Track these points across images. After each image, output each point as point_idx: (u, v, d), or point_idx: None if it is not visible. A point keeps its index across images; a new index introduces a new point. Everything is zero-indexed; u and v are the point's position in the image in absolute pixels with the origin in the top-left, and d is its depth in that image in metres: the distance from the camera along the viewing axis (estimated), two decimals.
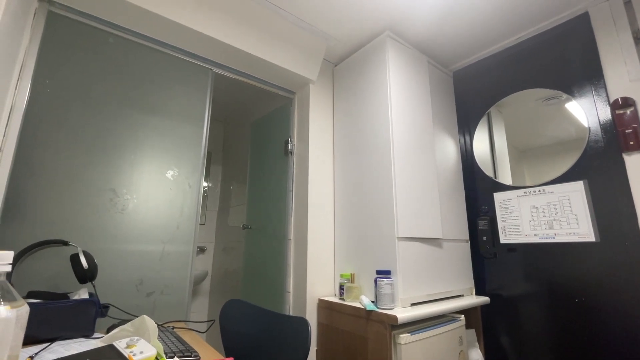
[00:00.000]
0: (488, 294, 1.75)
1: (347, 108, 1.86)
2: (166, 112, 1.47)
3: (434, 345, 1.33)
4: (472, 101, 2.02)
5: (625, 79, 1.41)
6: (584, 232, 1.45)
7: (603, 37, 1.50)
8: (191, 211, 1.45)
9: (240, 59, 1.65)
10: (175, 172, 1.44)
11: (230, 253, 2.56)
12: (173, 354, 0.77)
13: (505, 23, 1.72)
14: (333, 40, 1.83)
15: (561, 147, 1.60)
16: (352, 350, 1.36)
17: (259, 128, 2.31)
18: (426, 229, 1.57)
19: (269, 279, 1.86)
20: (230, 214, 2.70)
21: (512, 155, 1.83)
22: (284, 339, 1.01)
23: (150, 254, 1.30)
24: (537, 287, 1.58)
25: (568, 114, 1.61)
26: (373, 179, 1.60)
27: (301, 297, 1.61)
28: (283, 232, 1.82)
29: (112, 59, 1.36)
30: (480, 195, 1.87)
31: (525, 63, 1.80)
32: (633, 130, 1.35)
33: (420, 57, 1.87)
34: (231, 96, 2.61)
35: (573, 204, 1.50)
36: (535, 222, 1.61)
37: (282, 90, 1.94)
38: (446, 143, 1.90)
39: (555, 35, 1.69)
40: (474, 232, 1.86)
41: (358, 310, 1.37)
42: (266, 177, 2.08)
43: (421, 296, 1.47)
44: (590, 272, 1.42)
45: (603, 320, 1.36)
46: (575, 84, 1.58)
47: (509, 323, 1.66)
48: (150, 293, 1.27)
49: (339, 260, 1.71)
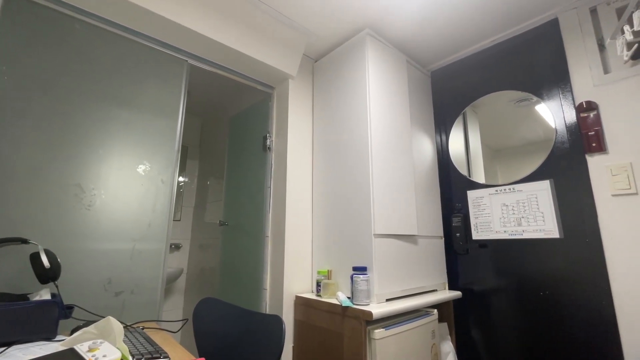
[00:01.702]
0: (460, 289, 1.81)
1: (326, 105, 1.86)
2: (138, 104, 1.41)
3: (408, 339, 1.36)
4: (449, 101, 2.07)
5: (590, 84, 1.49)
6: (550, 229, 1.52)
7: (571, 42, 1.57)
8: (164, 207, 1.41)
9: (217, 51, 1.60)
10: (147, 167, 1.39)
11: (206, 250, 2.51)
12: (141, 355, 0.75)
13: (481, 26, 1.76)
14: (313, 36, 1.82)
15: (531, 148, 1.67)
16: (328, 346, 1.37)
17: (237, 123, 2.26)
18: (402, 225, 1.60)
19: (246, 276, 1.84)
20: (207, 210, 2.64)
21: (485, 154, 1.89)
22: (258, 338, 1.00)
23: (119, 252, 1.25)
24: (505, 281, 1.65)
25: (537, 115, 1.68)
26: (351, 177, 1.61)
27: (278, 294, 1.60)
28: (260, 228, 1.80)
29: (78, 47, 1.29)
30: (454, 193, 1.93)
31: (499, 65, 1.86)
32: (595, 132, 1.43)
33: (400, 56, 1.89)
34: (208, 90, 2.54)
35: (540, 202, 1.57)
36: (505, 219, 1.67)
37: (260, 84, 1.91)
38: (423, 142, 1.94)
39: (527, 39, 1.75)
40: (448, 229, 1.91)
41: (334, 306, 1.38)
42: (244, 173, 2.05)
43: (396, 292, 1.50)
44: (554, 266, 1.50)
45: (565, 311, 1.44)
46: (545, 86, 1.65)
47: (479, 316, 1.72)
48: (119, 293, 1.22)
49: (317, 257, 1.71)
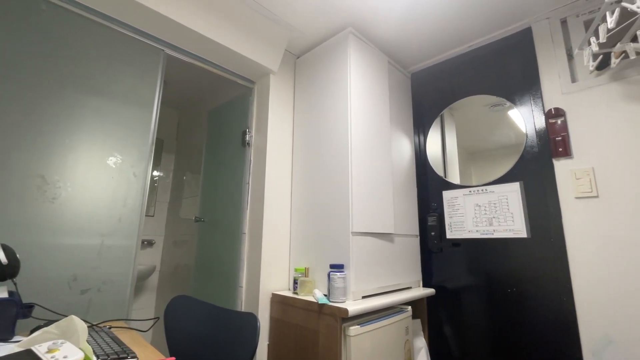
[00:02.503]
0: (434, 286, 1.86)
1: (307, 102, 1.85)
2: (109, 93, 1.34)
3: (382, 335, 1.38)
4: (427, 103, 2.11)
5: (558, 91, 1.56)
6: (518, 228, 1.59)
7: (542, 51, 1.64)
8: (136, 202, 1.35)
9: (196, 41, 1.56)
10: (119, 159, 1.33)
11: (181, 247, 2.44)
12: (106, 356, 0.71)
13: (460, 31, 1.81)
14: (296, 32, 1.80)
15: (503, 151, 1.74)
16: (304, 344, 1.37)
17: (216, 117, 2.21)
18: (379, 224, 1.62)
19: (221, 273, 1.80)
20: (182, 205, 2.56)
21: (461, 156, 1.95)
22: (232, 336, 0.99)
23: (86, 247, 1.19)
24: (476, 279, 1.71)
25: (510, 120, 1.75)
26: (330, 175, 1.61)
27: (254, 292, 1.58)
28: (238, 225, 1.77)
29: (45, 29, 1.21)
30: (430, 192, 1.97)
31: (475, 70, 1.92)
32: (562, 138, 1.51)
33: (381, 57, 1.91)
34: (186, 81, 2.46)
35: (510, 203, 1.63)
36: (478, 219, 1.73)
37: (241, 78, 1.87)
38: (402, 142, 1.97)
39: (502, 46, 1.82)
40: (423, 228, 1.96)
41: (311, 304, 1.38)
42: (222, 168, 2.01)
43: (372, 289, 1.52)
44: (522, 265, 1.57)
45: (529, 307, 1.51)
46: (517, 92, 1.72)
47: (451, 312, 1.78)
48: (85, 290, 1.16)
49: (294, 254, 1.71)
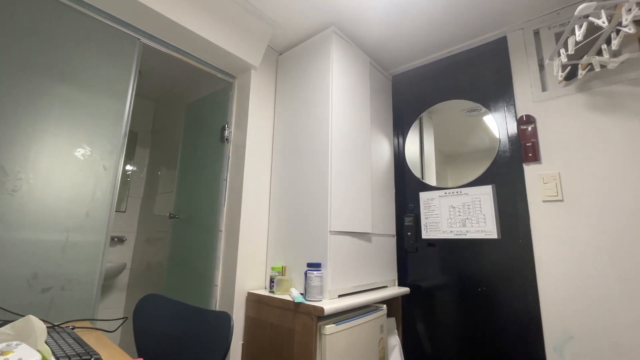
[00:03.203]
0: (409, 285, 1.90)
1: (289, 99, 1.83)
2: (79, 81, 1.27)
3: (357, 334, 1.39)
4: (407, 105, 2.15)
5: (530, 99, 1.63)
6: (490, 230, 1.65)
7: (516, 60, 1.71)
8: (105, 196, 1.29)
9: (174, 32, 1.50)
10: (87, 151, 1.26)
11: (154, 244, 2.36)
12: (67, 357, 0.67)
13: (440, 37, 1.85)
14: (279, 28, 1.78)
15: (478, 155, 1.80)
16: (279, 343, 1.36)
17: (194, 111, 2.15)
18: (357, 223, 1.63)
19: (196, 271, 1.75)
20: (156, 201, 2.48)
21: (438, 158, 2.00)
22: (205, 335, 0.96)
23: (49, 243, 1.12)
24: (449, 278, 1.76)
25: (485, 125, 1.81)
26: (310, 174, 1.61)
27: (229, 291, 1.55)
28: (214, 222, 1.73)
29: (11, 10, 1.13)
30: (408, 194, 2.01)
31: (454, 75, 1.97)
32: (532, 144, 1.58)
33: (363, 57, 1.92)
34: (164, 73, 2.38)
35: (483, 205, 1.69)
36: (452, 220, 1.79)
37: (221, 72, 1.83)
38: (381, 143, 1.99)
39: (479, 53, 1.88)
40: (400, 228, 2.00)
41: (287, 302, 1.37)
42: (199, 164, 1.95)
43: (348, 288, 1.53)
44: (492, 265, 1.63)
45: (498, 305, 1.58)
46: (492, 99, 1.79)
47: (424, 311, 1.82)
48: (46, 289, 1.10)
49: (272, 253, 1.69)
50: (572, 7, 1.56)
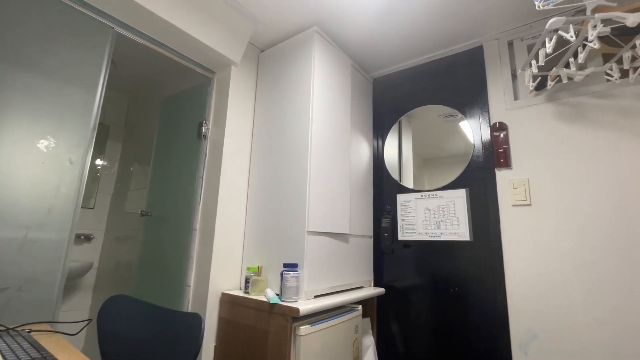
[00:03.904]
0: (384, 286, 1.92)
1: (269, 97, 1.81)
2: (45, 68, 1.20)
3: (332, 335, 1.39)
4: (387, 108, 2.18)
5: (503, 107, 1.70)
6: (463, 232, 1.70)
7: (491, 68, 1.78)
8: (71, 192, 1.22)
9: (151, 22, 1.45)
10: (52, 144, 1.19)
11: (124, 242, 2.26)
12: None
13: (422, 42, 1.89)
14: (261, 25, 1.76)
15: (453, 159, 1.85)
16: (252, 344, 1.33)
17: (170, 105, 2.08)
18: (335, 224, 1.64)
19: (168, 272, 1.69)
20: (127, 198, 2.38)
21: (416, 161, 2.04)
22: (174, 337, 0.93)
23: (4, 241, 1.05)
24: (423, 279, 1.80)
25: (461, 131, 1.86)
26: (289, 174, 1.59)
27: (202, 291, 1.51)
28: (188, 221, 1.68)
29: None
30: (386, 195, 2.04)
31: (433, 80, 2.02)
32: (504, 150, 1.64)
33: (345, 59, 1.93)
34: (139, 65, 2.29)
35: (457, 208, 1.74)
36: (427, 222, 1.83)
37: (199, 67, 1.78)
38: (361, 145, 2.01)
39: (457, 60, 1.94)
40: (377, 229, 2.02)
41: (261, 303, 1.35)
42: (174, 160, 1.89)
43: (325, 288, 1.53)
44: (464, 266, 1.68)
45: (470, 305, 1.63)
46: (468, 105, 1.84)
47: (398, 311, 1.85)
48: (1, 289, 1.02)
49: (248, 253, 1.66)
50: (544, 21, 1.63)
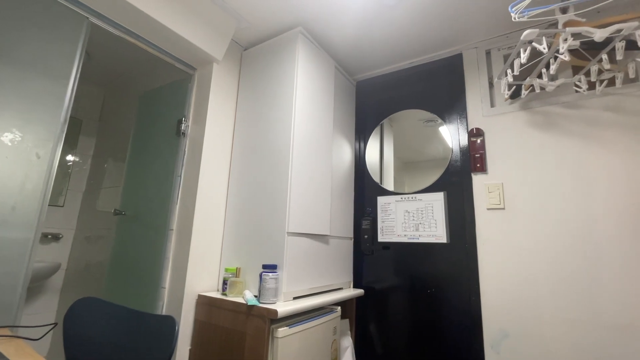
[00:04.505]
0: (363, 287, 1.93)
1: (252, 96, 1.79)
2: (13, 58, 1.13)
3: (311, 336, 1.39)
4: (370, 111, 2.21)
5: (480, 114, 1.75)
6: (440, 234, 1.74)
7: (469, 76, 1.83)
8: (37, 188, 1.15)
9: (129, 14, 1.40)
10: (18, 137, 1.12)
11: (95, 242, 2.17)
12: None
13: (404, 48, 1.92)
14: (245, 23, 1.73)
15: (432, 163, 1.89)
16: (229, 347, 1.31)
17: (148, 101, 2.01)
18: (316, 225, 1.64)
19: (141, 273, 1.63)
20: (100, 196, 2.28)
21: (396, 164, 2.07)
22: (146, 341, 0.89)
23: None
24: (402, 280, 1.83)
25: (440, 136, 1.91)
26: (270, 174, 1.58)
27: (178, 293, 1.47)
28: (164, 221, 1.63)
29: None
30: (366, 197, 2.06)
31: (414, 85, 2.06)
32: (480, 155, 1.69)
33: (329, 61, 1.94)
34: (116, 58, 2.21)
35: (435, 211, 1.78)
36: (406, 225, 1.86)
37: (180, 62, 1.73)
38: (343, 147, 2.02)
39: (438, 66, 1.98)
40: (358, 231, 2.03)
41: (239, 305, 1.32)
42: (151, 158, 1.83)
43: (304, 290, 1.52)
44: (441, 267, 1.72)
45: (446, 306, 1.66)
46: (447, 111, 1.89)
47: (377, 312, 1.87)
48: None
49: (227, 254, 1.63)
50: (519, 32, 1.70)
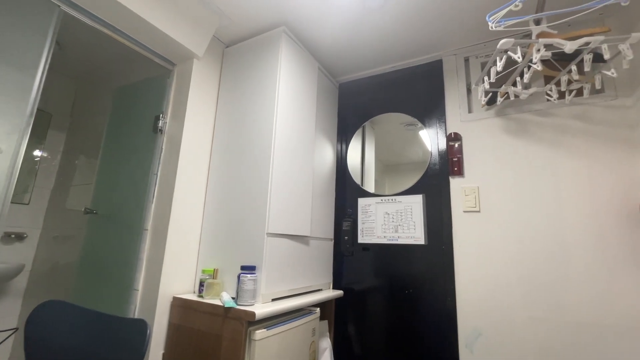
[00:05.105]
0: (343, 288, 1.94)
1: (233, 95, 1.76)
2: None
3: (289, 338, 1.37)
4: (352, 113, 2.22)
5: (458, 119, 1.80)
6: (418, 236, 1.77)
7: (449, 81, 1.88)
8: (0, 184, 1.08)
9: (105, 5, 1.34)
10: None
11: (64, 243, 2.06)
12: None
13: (387, 52, 1.95)
14: (227, 19, 1.70)
15: (412, 166, 1.93)
16: (204, 351, 1.27)
17: (124, 95, 1.94)
18: (296, 226, 1.62)
19: (112, 274, 1.57)
20: (70, 194, 2.17)
21: (377, 167, 2.10)
22: (115, 346, 0.86)
23: None
24: (381, 281, 1.84)
25: (420, 139, 1.95)
26: (250, 173, 1.55)
27: (152, 296, 1.42)
28: (139, 220, 1.57)
29: None
30: (347, 199, 2.07)
31: (396, 89, 2.09)
32: (458, 159, 1.74)
33: (312, 62, 1.93)
34: (90, 50, 2.12)
35: (414, 213, 1.81)
36: (386, 226, 1.88)
37: (158, 57, 1.68)
38: (325, 148, 2.02)
39: (419, 71, 2.02)
40: (338, 232, 2.04)
41: (216, 307, 1.29)
42: (125, 155, 1.76)
43: (283, 291, 1.51)
44: (418, 268, 1.75)
45: (423, 306, 1.69)
46: (427, 115, 1.93)
47: (356, 313, 1.88)
48: None
49: (204, 255, 1.59)
50: (496, 41, 1.76)
